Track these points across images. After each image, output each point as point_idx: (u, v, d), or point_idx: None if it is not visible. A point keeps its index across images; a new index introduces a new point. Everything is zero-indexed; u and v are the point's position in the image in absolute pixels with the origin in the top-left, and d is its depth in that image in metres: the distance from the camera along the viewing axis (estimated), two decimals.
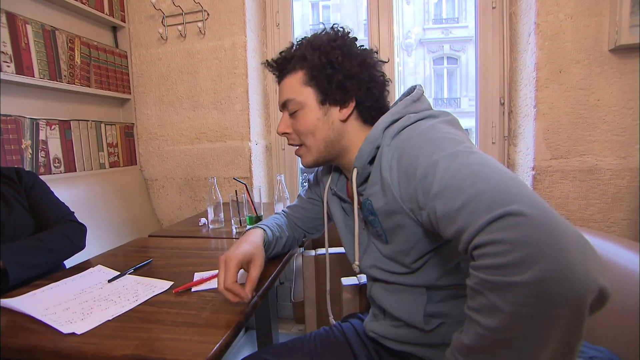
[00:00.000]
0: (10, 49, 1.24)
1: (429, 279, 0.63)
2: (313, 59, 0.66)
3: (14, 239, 0.90)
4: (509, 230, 0.38)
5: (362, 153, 0.64)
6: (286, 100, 0.70)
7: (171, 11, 1.73)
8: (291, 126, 0.72)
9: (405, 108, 0.64)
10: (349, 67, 0.66)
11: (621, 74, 1.32)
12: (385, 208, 0.60)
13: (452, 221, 0.44)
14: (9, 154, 1.25)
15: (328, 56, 0.66)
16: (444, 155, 0.49)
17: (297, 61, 0.69)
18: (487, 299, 0.38)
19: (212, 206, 1.27)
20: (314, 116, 0.68)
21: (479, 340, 0.40)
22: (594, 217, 1.39)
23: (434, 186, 0.48)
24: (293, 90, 0.69)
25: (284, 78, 0.71)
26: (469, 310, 0.42)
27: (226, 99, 1.73)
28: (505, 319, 0.37)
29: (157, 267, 0.88)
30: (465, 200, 0.43)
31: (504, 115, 1.62)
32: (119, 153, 1.77)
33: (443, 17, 10.83)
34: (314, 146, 0.70)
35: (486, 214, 0.40)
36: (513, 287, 0.36)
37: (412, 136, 0.57)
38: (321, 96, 0.68)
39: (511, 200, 0.40)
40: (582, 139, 1.38)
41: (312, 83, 0.68)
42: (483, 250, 0.39)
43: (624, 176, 1.35)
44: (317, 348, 0.75)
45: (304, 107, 0.68)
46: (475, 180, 0.44)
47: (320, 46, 0.67)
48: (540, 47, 1.37)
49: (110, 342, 0.55)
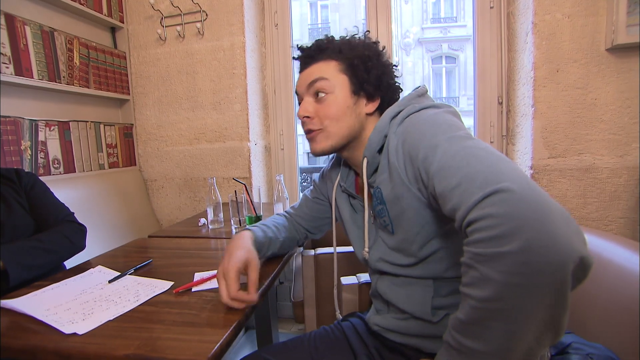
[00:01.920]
0: (9, 50, 1.24)
1: (437, 270, 0.64)
2: (350, 54, 0.69)
3: (14, 240, 0.90)
4: (498, 205, 0.41)
5: (371, 142, 0.66)
6: (318, 77, 0.69)
7: (170, 12, 1.73)
8: (314, 110, 0.71)
9: (410, 100, 0.67)
10: (383, 68, 0.71)
11: (618, 73, 1.33)
12: (393, 193, 0.62)
13: (448, 199, 0.47)
14: (8, 155, 1.25)
15: (367, 52, 0.70)
16: (444, 139, 0.53)
17: (332, 52, 0.70)
18: (479, 272, 0.41)
19: (212, 206, 1.28)
20: (345, 103, 0.69)
21: (473, 313, 0.42)
22: (591, 215, 1.40)
23: (433, 166, 0.52)
24: (328, 73, 0.69)
25: (313, 63, 0.71)
26: (463, 287, 0.44)
27: (225, 100, 1.74)
28: (497, 288, 0.39)
29: (157, 268, 0.89)
30: (460, 178, 0.46)
31: (502, 114, 1.63)
32: (118, 154, 1.77)
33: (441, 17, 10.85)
34: (337, 133, 0.70)
35: (479, 192, 0.43)
36: (501, 257, 0.39)
37: (416, 122, 0.60)
38: (355, 86, 0.69)
39: (502, 178, 0.42)
40: (579, 137, 1.38)
41: (348, 72, 0.69)
42: (475, 225, 0.42)
43: (621, 174, 1.36)
44: (317, 347, 0.76)
45: (335, 91, 0.69)
46: (470, 161, 0.47)
47: (357, 45, 0.71)
48: (537, 46, 1.38)
49: (112, 342, 0.55)
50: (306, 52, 0.73)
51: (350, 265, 1.08)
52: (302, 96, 0.73)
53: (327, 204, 0.90)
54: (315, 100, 0.71)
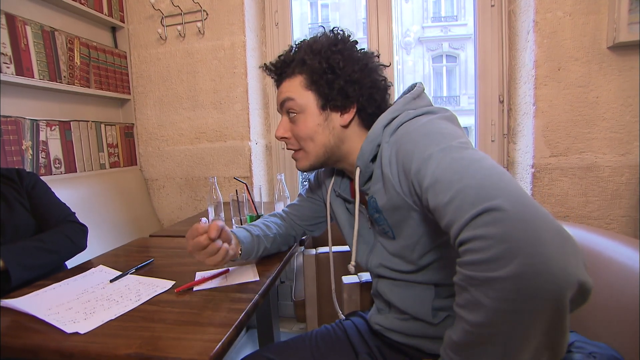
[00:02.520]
0: (10, 50, 1.24)
1: (437, 278, 0.63)
2: (313, 63, 0.65)
3: (15, 240, 0.90)
4: (489, 225, 0.38)
5: (364, 152, 0.64)
6: (285, 98, 0.69)
7: (170, 11, 1.73)
8: (290, 131, 0.71)
9: (405, 105, 0.64)
10: (350, 72, 0.65)
11: (620, 71, 1.32)
12: (389, 204, 0.60)
13: (442, 215, 0.45)
14: (9, 155, 1.25)
15: (329, 61, 0.65)
16: (437, 150, 0.50)
17: (296, 65, 0.68)
18: (471, 295, 0.39)
19: (213, 206, 1.28)
20: (314, 121, 0.67)
21: (465, 336, 0.41)
22: (593, 214, 1.39)
23: (426, 179, 0.49)
24: (293, 92, 0.68)
25: (282, 81, 0.70)
26: (456, 307, 0.43)
27: (226, 99, 1.74)
28: (488, 314, 0.38)
29: (159, 267, 0.89)
30: (452, 194, 0.44)
31: (503, 113, 1.63)
32: (119, 153, 1.77)
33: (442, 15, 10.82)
34: (313, 151, 0.69)
35: (470, 209, 0.40)
36: (493, 283, 0.37)
37: (409, 131, 0.57)
38: (322, 101, 0.67)
39: (494, 194, 0.40)
40: (581, 136, 1.38)
41: (313, 87, 0.67)
42: (467, 246, 0.40)
43: (623, 173, 1.36)
44: (318, 346, 0.76)
45: (304, 111, 0.68)
46: (463, 175, 0.44)
47: (320, 50, 0.66)
48: (539, 44, 1.37)
49: (114, 341, 0.55)
50: (273, 70, 0.72)
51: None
52: (280, 114, 0.73)
53: (322, 204, 0.90)
54: (289, 119, 0.70)
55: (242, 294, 0.70)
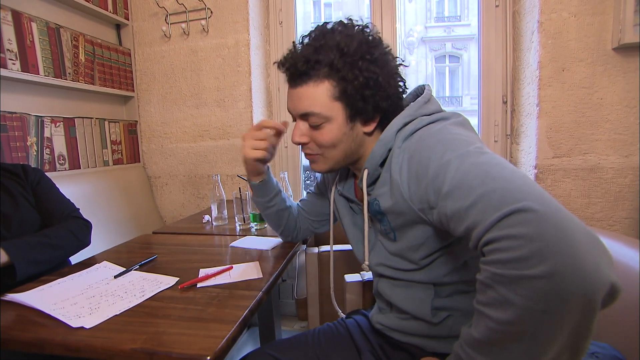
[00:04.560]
0: (15, 47, 1.25)
1: (436, 275, 0.63)
2: (347, 73, 0.59)
3: (21, 235, 0.90)
4: (519, 226, 0.39)
5: (375, 155, 0.64)
6: (309, 113, 0.63)
7: (175, 9, 1.73)
8: (309, 136, 0.66)
9: (417, 110, 0.63)
10: (386, 86, 0.61)
11: (624, 72, 1.32)
12: (394, 208, 0.60)
13: (463, 219, 0.45)
14: (14, 151, 1.26)
15: (365, 74, 0.59)
16: (455, 156, 0.50)
17: (323, 68, 0.60)
18: (498, 293, 0.39)
19: (216, 203, 1.28)
20: (340, 130, 0.64)
21: (490, 334, 0.41)
22: (596, 215, 1.39)
23: (445, 185, 0.49)
24: (319, 104, 0.62)
25: (303, 84, 0.62)
26: (478, 305, 0.43)
27: (229, 97, 1.74)
28: (517, 312, 0.38)
29: (162, 264, 0.89)
30: (475, 198, 0.44)
31: (506, 113, 1.62)
32: (122, 150, 1.78)
33: (445, 15, 10.80)
34: (333, 157, 0.67)
35: (496, 211, 0.41)
36: (524, 281, 0.37)
37: (424, 138, 0.57)
38: (351, 112, 0.63)
39: (521, 197, 0.40)
40: (584, 137, 1.38)
41: (343, 99, 0.61)
42: (494, 245, 0.40)
43: (626, 175, 1.35)
44: (320, 344, 0.76)
45: (330, 121, 0.63)
46: (485, 179, 0.45)
47: (354, 58, 0.59)
48: (543, 45, 1.37)
49: (119, 336, 0.55)
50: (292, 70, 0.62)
51: (354, 263, 1.09)
52: (294, 118, 0.68)
53: (328, 202, 0.90)
54: (310, 126, 0.65)
55: (245, 291, 0.71)
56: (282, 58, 0.65)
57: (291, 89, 0.65)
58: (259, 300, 0.68)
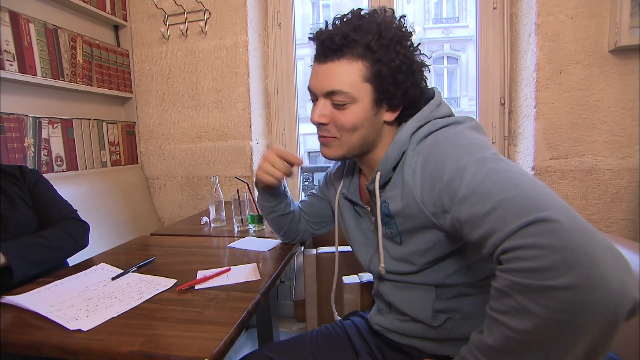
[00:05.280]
0: (13, 48, 1.24)
1: (439, 278, 0.63)
2: (383, 55, 0.58)
3: (17, 237, 0.90)
4: (542, 235, 0.38)
5: (388, 158, 0.63)
6: (337, 90, 0.61)
7: (173, 10, 1.73)
8: (330, 117, 0.63)
9: (431, 113, 0.63)
10: (419, 75, 0.62)
11: (621, 74, 1.33)
12: (404, 211, 0.60)
13: (479, 225, 0.45)
14: (11, 152, 1.26)
15: (401, 58, 0.59)
16: (473, 161, 0.49)
17: (359, 47, 0.59)
18: (517, 302, 0.39)
19: (214, 205, 1.28)
20: (364, 114, 0.62)
21: (506, 341, 0.40)
22: (593, 217, 1.40)
23: (460, 190, 0.48)
24: (349, 83, 0.60)
25: (335, 60, 0.60)
26: (493, 312, 0.42)
27: (228, 98, 1.74)
28: (537, 322, 0.37)
29: (160, 265, 0.89)
30: (493, 204, 0.43)
31: (504, 115, 1.63)
32: (120, 151, 1.77)
33: (443, 17, 10.82)
34: (350, 142, 0.64)
35: (517, 219, 0.40)
36: (547, 291, 0.37)
37: (438, 141, 0.57)
38: (379, 96, 0.61)
39: (542, 206, 0.40)
40: (581, 139, 1.38)
41: (375, 81, 0.60)
42: (514, 254, 0.40)
43: (623, 176, 1.36)
44: (318, 345, 0.76)
45: (356, 102, 0.61)
46: (504, 186, 0.44)
47: (392, 42, 0.59)
48: (540, 47, 1.38)
49: (116, 338, 0.55)
50: (328, 43, 0.60)
51: (352, 265, 1.09)
52: (317, 96, 0.65)
53: (329, 204, 0.90)
54: (332, 104, 0.63)
55: (243, 293, 0.71)
56: (317, 30, 0.63)
57: (319, 64, 0.63)
58: (257, 303, 0.68)
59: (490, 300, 0.43)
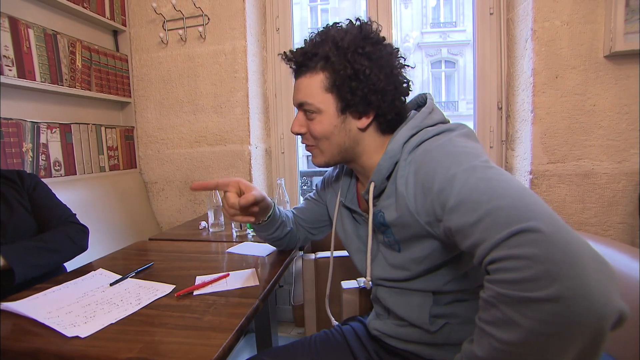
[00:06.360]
0: (12, 53, 1.24)
1: (436, 284, 0.64)
2: (338, 64, 0.62)
3: (16, 241, 0.90)
4: (526, 246, 0.38)
5: (381, 168, 0.64)
6: (303, 102, 0.67)
7: (172, 15, 1.74)
8: (306, 127, 0.69)
9: (423, 121, 0.64)
10: (375, 80, 0.62)
11: (616, 79, 1.34)
12: (400, 221, 0.60)
13: (468, 235, 0.45)
14: (10, 157, 1.25)
15: (354, 65, 0.62)
16: (462, 170, 0.50)
17: (319, 60, 0.64)
18: (503, 313, 0.39)
19: (213, 209, 1.28)
20: (330, 123, 0.66)
21: (494, 353, 0.41)
22: (590, 220, 1.40)
23: (450, 200, 0.49)
24: (311, 94, 0.66)
25: (302, 75, 0.67)
26: (481, 322, 0.42)
27: (226, 103, 1.74)
28: (523, 334, 0.37)
29: (159, 271, 0.89)
30: (481, 214, 0.44)
31: (501, 119, 1.64)
32: (119, 156, 1.77)
33: (441, 21, 10.91)
34: (328, 150, 0.69)
35: (503, 229, 0.40)
36: (531, 303, 0.37)
37: (429, 150, 0.57)
38: (342, 105, 0.65)
39: (528, 216, 0.40)
40: (578, 143, 1.39)
41: (334, 90, 0.64)
42: (499, 264, 0.40)
43: (619, 180, 1.37)
44: (317, 350, 0.76)
45: (321, 112, 0.66)
46: (492, 196, 0.44)
47: (346, 50, 0.62)
48: (537, 52, 1.39)
49: (114, 345, 0.55)
50: (293, 61, 0.68)
51: (351, 269, 1.09)
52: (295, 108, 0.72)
53: (326, 209, 0.90)
54: (306, 116, 0.69)
55: (242, 299, 0.71)
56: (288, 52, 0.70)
57: (295, 80, 0.70)
58: (256, 308, 0.68)
59: (479, 311, 0.43)
